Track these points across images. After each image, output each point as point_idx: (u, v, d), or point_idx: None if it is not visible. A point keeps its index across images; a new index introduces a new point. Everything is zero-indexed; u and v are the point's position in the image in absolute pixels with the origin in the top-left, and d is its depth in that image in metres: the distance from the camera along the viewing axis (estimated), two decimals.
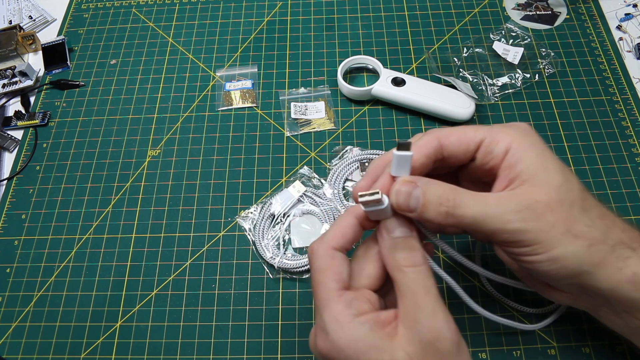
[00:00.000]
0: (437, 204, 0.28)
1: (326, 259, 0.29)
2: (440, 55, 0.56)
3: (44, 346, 0.43)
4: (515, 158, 0.29)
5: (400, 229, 0.29)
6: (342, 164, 0.49)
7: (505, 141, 0.30)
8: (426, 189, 0.28)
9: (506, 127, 0.31)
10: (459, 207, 0.28)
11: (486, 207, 0.28)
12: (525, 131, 0.30)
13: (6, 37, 0.61)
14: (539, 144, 0.30)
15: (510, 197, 0.28)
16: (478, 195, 0.28)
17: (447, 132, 0.31)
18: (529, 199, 0.28)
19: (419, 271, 0.28)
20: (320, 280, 0.29)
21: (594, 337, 0.40)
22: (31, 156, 0.53)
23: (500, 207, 0.28)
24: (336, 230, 0.30)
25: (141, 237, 0.47)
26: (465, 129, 0.31)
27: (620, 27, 0.57)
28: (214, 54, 0.59)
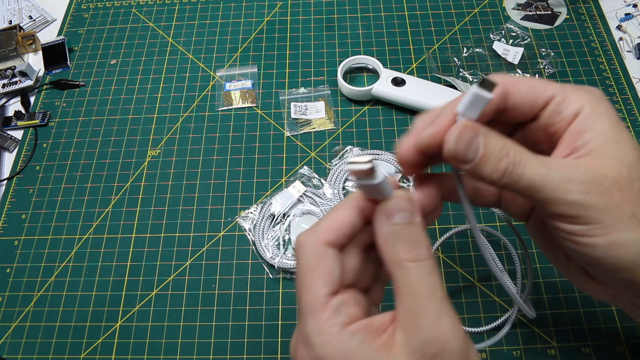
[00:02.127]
0: (497, 158, 0.24)
1: (315, 256, 0.24)
2: (440, 55, 0.56)
3: (44, 346, 0.43)
4: (585, 124, 0.25)
5: (403, 213, 0.24)
6: (342, 164, 0.49)
7: (578, 103, 0.25)
8: (488, 140, 0.24)
9: (579, 89, 0.26)
10: (519, 166, 0.24)
11: (549, 170, 0.24)
12: (599, 97, 0.26)
13: (6, 37, 0.61)
14: (614, 114, 0.26)
15: (576, 165, 0.24)
16: (541, 157, 0.24)
17: (516, 80, 0.26)
18: (596, 171, 0.24)
19: (423, 267, 0.23)
20: (307, 282, 0.24)
21: (594, 337, 0.40)
22: (31, 156, 0.53)
23: (564, 174, 0.24)
24: (331, 220, 0.25)
25: (141, 237, 0.47)
26: (535, 81, 0.27)
27: (620, 27, 0.57)
28: (214, 54, 0.59)
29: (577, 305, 0.41)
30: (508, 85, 0.26)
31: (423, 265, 0.23)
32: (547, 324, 0.40)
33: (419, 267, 0.23)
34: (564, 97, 0.26)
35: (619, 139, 0.25)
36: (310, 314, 0.23)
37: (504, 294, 0.42)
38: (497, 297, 0.42)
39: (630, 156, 0.24)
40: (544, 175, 0.24)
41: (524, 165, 0.24)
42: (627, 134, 0.25)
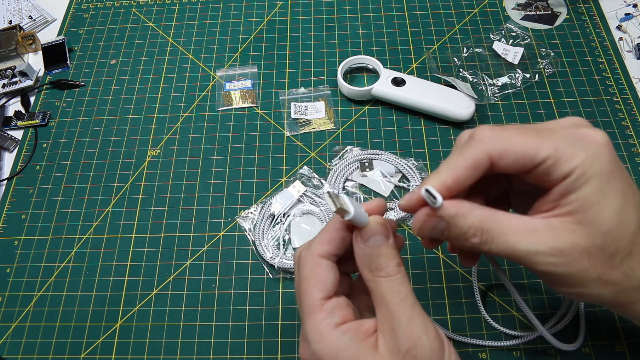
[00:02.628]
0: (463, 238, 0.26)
1: (311, 267, 0.28)
2: (440, 55, 0.56)
3: (44, 346, 0.43)
4: (574, 185, 0.25)
5: (375, 237, 0.27)
6: (342, 164, 0.49)
7: (569, 165, 0.25)
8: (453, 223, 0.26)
9: (576, 145, 0.25)
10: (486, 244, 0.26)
11: (516, 245, 0.25)
12: (596, 153, 0.25)
13: (6, 37, 0.61)
14: (605, 171, 0.25)
15: (546, 232, 0.25)
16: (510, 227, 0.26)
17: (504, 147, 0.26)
18: (566, 240, 0.25)
19: (393, 280, 0.26)
20: (305, 289, 0.27)
21: (594, 337, 0.40)
22: (31, 156, 0.53)
23: (531, 246, 0.25)
24: (323, 236, 0.29)
25: (141, 237, 0.47)
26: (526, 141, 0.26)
27: (620, 27, 0.57)
28: (214, 54, 0.59)
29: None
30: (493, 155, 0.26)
31: (393, 279, 0.26)
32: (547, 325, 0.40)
33: (389, 280, 0.26)
34: (556, 159, 0.25)
35: (603, 204, 0.25)
36: (308, 316, 0.27)
37: (503, 295, 0.42)
38: (497, 297, 0.42)
39: (609, 223, 0.25)
40: (513, 250, 0.25)
41: (491, 243, 0.26)
42: (614, 195, 0.25)
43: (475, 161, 0.26)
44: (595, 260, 0.25)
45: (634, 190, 0.26)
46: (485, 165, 0.26)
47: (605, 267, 0.25)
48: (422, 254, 0.44)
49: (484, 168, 0.26)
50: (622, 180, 0.25)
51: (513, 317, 0.41)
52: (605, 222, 0.25)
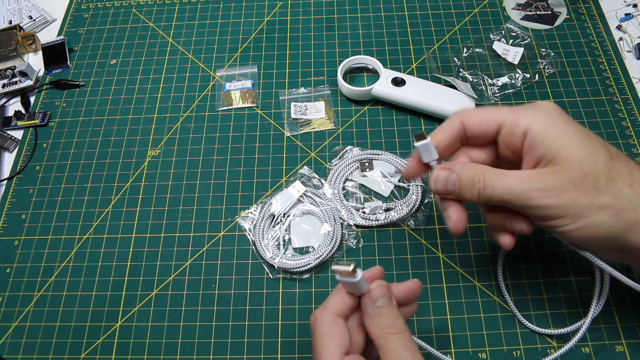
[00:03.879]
0: (471, 185, 0.32)
1: (329, 324, 0.31)
2: (440, 55, 0.56)
3: (44, 346, 0.43)
4: (536, 140, 0.31)
5: (383, 298, 0.31)
6: (342, 164, 0.49)
7: (524, 122, 0.31)
8: (460, 173, 0.32)
9: (527, 109, 0.32)
10: (488, 187, 0.31)
11: (511, 186, 0.30)
12: (546, 111, 0.31)
13: (6, 37, 0.61)
14: (561, 122, 0.31)
15: (534, 175, 0.30)
16: (505, 174, 0.31)
17: (470, 114, 0.33)
18: (551, 177, 0.30)
19: (403, 337, 0.30)
20: (324, 344, 0.30)
21: (594, 337, 0.40)
22: (31, 156, 0.53)
23: (524, 185, 0.30)
24: (337, 297, 0.32)
25: (141, 237, 0.47)
26: (488, 111, 0.33)
27: (620, 27, 0.57)
28: (214, 54, 0.59)
29: (577, 306, 0.41)
30: (464, 120, 0.33)
31: (401, 336, 0.30)
32: (547, 324, 0.40)
33: (400, 337, 0.30)
34: (512, 120, 0.32)
35: (568, 144, 0.30)
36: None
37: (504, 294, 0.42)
38: (497, 297, 0.42)
39: (579, 155, 0.30)
40: (509, 190, 0.31)
41: (492, 186, 0.31)
42: (576, 135, 0.30)
43: (450, 124, 0.34)
44: (582, 188, 0.29)
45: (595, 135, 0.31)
46: (458, 127, 0.33)
47: (593, 192, 0.29)
48: (422, 254, 0.44)
49: (457, 129, 0.33)
50: (579, 127, 0.31)
51: (513, 317, 0.41)
52: (576, 155, 0.30)
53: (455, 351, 0.40)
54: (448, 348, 0.40)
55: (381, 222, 0.45)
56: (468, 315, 0.41)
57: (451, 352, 0.40)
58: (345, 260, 0.36)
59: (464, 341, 0.40)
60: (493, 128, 0.33)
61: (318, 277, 0.44)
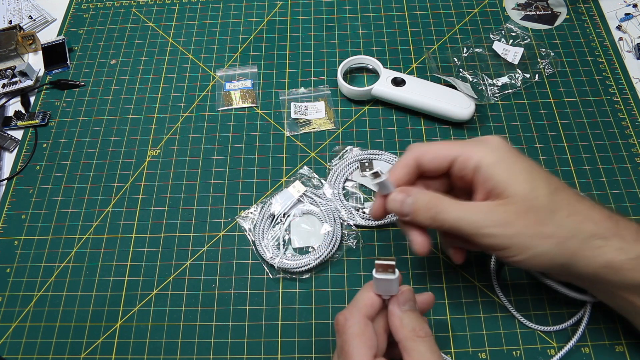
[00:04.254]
0: (425, 209, 0.34)
1: (361, 326, 0.31)
2: (440, 55, 0.56)
3: (44, 346, 0.43)
4: (485, 175, 0.33)
5: (410, 302, 0.32)
6: (342, 164, 0.49)
7: (475, 158, 0.34)
8: (416, 197, 0.34)
9: (477, 145, 0.35)
10: (441, 213, 0.33)
11: (464, 215, 0.33)
12: (494, 147, 0.34)
13: (6, 37, 0.61)
14: (507, 157, 0.34)
15: (484, 207, 0.33)
16: (459, 204, 0.33)
17: (424, 150, 0.36)
18: (499, 210, 0.32)
19: (430, 341, 0.31)
20: (356, 344, 0.30)
21: (594, 337, 0.40)
22: (31, 156, 0.53)
23: (475, 216, 0.33)
24: (366, 299, 0.33)
25: (141, 237, 0.47)
26: (441, 147, 0.36)
27: (620, 27, 0.57)
28: (214, 54, 0.59)
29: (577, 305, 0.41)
30: (418, 157, 0.36)
31: (429, 339, 0.31)
32: (547, 324, 0.40)
33: (427, 341, 0.31)
34: (464, 156, 0.34)
35: (513, 179, 0.33)
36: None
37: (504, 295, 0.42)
38: (497, 297, 0.42)
39: (523, 190, 0.32)
40: (461, 218, 0.33)
41: (446, 213, 0.33)
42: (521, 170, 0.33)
43: (406, 161, 0.36)
44: (527, 221, 0.32)
45: (539, 168, 0.34)
46: (412, 164, 0.36)
47: (538, 224, 0.32)
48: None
49: (413, 166, 0.36)
50: (523, 161, 0.34)
51: (513, 317, 0.41)
52: (521, 190, 0.32)
53: (455, 351, 0.40)
54: (448, 348, 0.40)
55: (381, 222, 0.45)
56: (468, 315, 0.41)
57: (451, 352, 0.40)
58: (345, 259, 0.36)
59: (464, 341, 0.40)
60: (446, 163, 0.35)
61: (318, 277, 0.44)
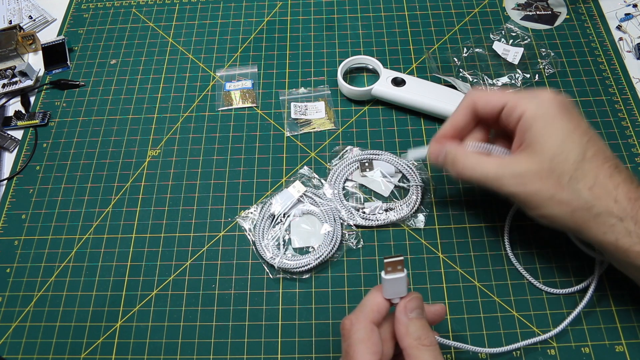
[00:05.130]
0: (451, 164, 0.38)
1: (367, 331, 0.31)
2: (440, 55, 0.56)
3: (44, 346, 0.43)
4: (525, 125, 0.35)
5: (417, 310, 0.32)
6: (342, 164, 0.49)
7: (522, 108, 0.35)
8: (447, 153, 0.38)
9: (527, 95, 0.36)
10: (467, 169, 0.37)
11: (487, 171, 0.36)
12: (541, 100, 0.35)
13: (6, 37, 0.61)
14: (551, 114, 0.34)
15: (507, 164, 0.35)
16: (484, 161, 0.36)
17: (478, 96, 0.38)
18: (522, 167, 0.34)
19: (434, 350, 0.31)
20: (360, 350, 0.30)
21: (593, 337, 0.40)
22: (31, 156, 0.53)
23: (497, 171, 0.35)
24: (373, 304, 0.33)
25: (141, 237, 0.47)
26: (494, 94, 0.38)
27: (620, 27, 0.57)
28: (214, 54, 0.59)
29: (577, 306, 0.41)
30: (475, 99, 0.38)
31: (434, 348, 0.31)
32: (547, 324, 0.40)
33: (431, 350, 0.31)
34: (513, 104, 0.36)
35: (547, 136, 0.34)
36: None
37: (504, 295, 0.42)
38: (497, 297, 0.42)
39: (552, 150, 0.33)
40: (485, 175, 0.36)
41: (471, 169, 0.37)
42: (559, 129, 0.34)
43: (463, 106, 0.39)
44: (547, 181, 0.33)
45: (583, 131, 0.34)
46: (468, 109, 0.39)
47: (556, 187, 0.33)
48: (422, 254, 0.44)
49: (471, 109, 0.39)
50: (567, 121, 0.34)
51: (513, 317, 0.41)
52: (549, 150, 0.33)
53: (455, 351, 0.40)
54: (448, 348, 0.40)
55: (381, 222, 0.45)
56: (468, 315, 0.41)
57: (451, 352, 0.40)
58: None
59: (464, 341, 0.40)
60: (497, 109, 0.37)
61: (318, 277, 0.44)
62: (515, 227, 0.44)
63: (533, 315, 0.41)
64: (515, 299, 0.42)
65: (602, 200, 0.32)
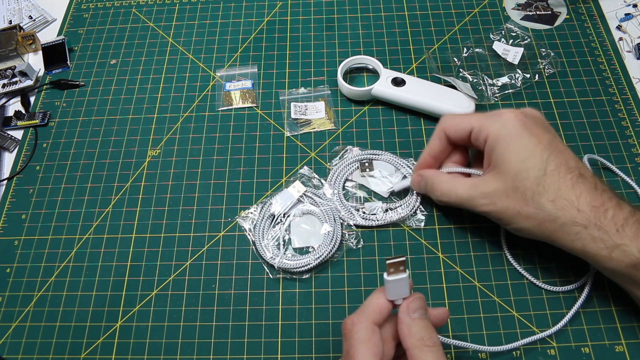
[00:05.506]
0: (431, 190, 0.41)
1: (368, 332, 0.31)
2: (440, 55, 0.56)
3: (44, 346, 0.43)
4: (490, 146, 0.37)
5: (420, 310, 0.32)
6: (342, 164, 0.49)
7: (485, 131, 0.37)
8: (427, 181, 0.41)
9: (491, 117, 0.38)
10: (444, 195, 0.40)
11: (460, 193, 0.39)
12: (504, 121, 0.37)
13: (6, 37, 0.61)
14: (512, 134, 0.36)
15: (477, 185, 0.38)
16: (457, 184, 0.39)
17: (448, 122, 0.41)
18: (490, 187, 0.37)
19: (437, 350, 0.31)
20: (361, 350, 0.31)
21: (593, 337, 0.40)
22: (31, 156, 0.53)
23: (470, 194, 0.38)
24: (375, 305, 0.33)
25: (141, 237, 0.47)
26: (462, 119, 0.40)
27: (620, 27, 0.57)
28: (214, 54, 0.59)
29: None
30: (444, 128, 0.41)
31: (437, 349, 0.31)
32: (547, 324, 0.40)
33: (435, 350, 0.31)
34: (478, 126, 0.38)
35: (509, 157, 0.36)
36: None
37: (504, 294, 0.42)
38: (497, 297, 0.42)
39: (514, 169, 0.35)
40: (458, 196, 0.39)
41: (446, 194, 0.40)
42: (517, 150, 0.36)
43: (437, 133, 0.42)
44: (512, 199, 0.36)
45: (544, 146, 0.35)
46: (443, 133, 0.41)
47: (521, 203, 0.35)
48: (422, 254, 0.44)
49: (443, 135, 0.41)
50: (527, 139, 0.36)
51: (513, 317, 0.41)
52: (512, 169, 0.35)
53: (455, 351, 0.40)
54: (448, 348, 0.40)
55: (381, 222, 0.45)
56: (468, 315, 0.41)
57: (451, 352, 0.40)
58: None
59: (464, 341, 0.40)
60: (466, 134, 0.39)
61: (318, 277, 0.44)
62: None
63: (533, 315, 0.41)
64: (515, 298, 0.42)
65: (565, 211, 0.34)
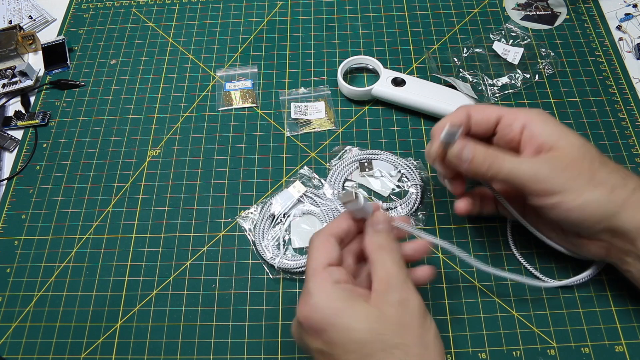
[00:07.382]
0: (482, 158, 0.36)
1: (321, 241, 0.34)
2: (440, 55, 0.56)
3: (44, 346, 0.43)
4: (534, 132, 0.36)
5: (383, 224, 0.35)
6: (342, 164, 0.49)
7: (523, 119, 0.37)
8: (475, 148, 0.36)
9: (522, 109, 0.38)
10: (498, 162, 0.35)
11: (519, 164, 0.35)
12: (539, 112, 0.37)
13: (6, 37, 0.61)
14: (552, 119, 0.36)
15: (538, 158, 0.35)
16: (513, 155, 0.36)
17: (474, 107, 0.39)
18: (555, 157, 0.34)
19: (395, 254, 0.33)
20: (313, 256, 0.34)
21: (593, 337, 0.40)
22: (31, 156, 0.53)
23: (532, 162, 0.35)
24: (334, 222, 0.36)
25: (141, 237, 0.47)
26: (489, 107, 0.39)
27: (620, 27, 0.57)
28: (214, 54, 0.59)
29: (576, 306, 0.41)
30: (469, 112, 0.38)
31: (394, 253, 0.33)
32: (547, 324, 0.41)
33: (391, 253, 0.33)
34: (511, 115, 0.37)
35: (565, 133, 0.35)
36: (312, 276, 0.33)
37: (504, 294, 0.42)
38: (497, 297, 0.42)
39: (577, 142, 0.35)
40: (518, 165, 0.35)
41: (502, 161, 0.35)
42: (567, 129, 0.35)
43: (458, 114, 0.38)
44: (581, 168, 0.34)
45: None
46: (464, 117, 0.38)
47: (591, 171, 0.34)
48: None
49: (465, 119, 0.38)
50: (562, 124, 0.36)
51: (513, 317, 0.41)
52: (575, 141, 0.35)
53: (455, 351, 0.40)
54: (448, 348, 0.40)
55: None
56: (468, 315, 0.41)
57: (451, 352, 0.40)
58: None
59: (464, 341, 0.40)
60: (493, 120, 0.38)
61: None
62: (515, 227, 0.44)
63: (533, 315, 0.41)
64: (515, 299, 0.42)
65: (630, 178, 0.34)
